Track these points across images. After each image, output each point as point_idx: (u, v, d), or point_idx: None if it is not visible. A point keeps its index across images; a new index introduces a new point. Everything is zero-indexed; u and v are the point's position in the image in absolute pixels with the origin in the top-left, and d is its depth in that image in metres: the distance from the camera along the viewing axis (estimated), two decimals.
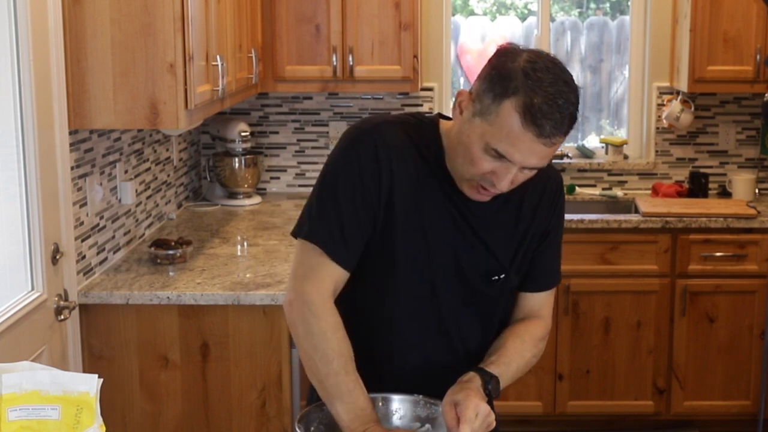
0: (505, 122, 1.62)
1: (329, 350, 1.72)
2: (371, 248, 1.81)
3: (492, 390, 1.75)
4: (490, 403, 1.72)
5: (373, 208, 1.76)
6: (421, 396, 1.78)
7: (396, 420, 1.78)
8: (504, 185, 1.69)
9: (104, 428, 1.43)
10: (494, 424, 1.69)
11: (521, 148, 1.63)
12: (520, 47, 1.69)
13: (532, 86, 1.60)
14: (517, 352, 1.85)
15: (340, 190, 1.76)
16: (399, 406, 1.78)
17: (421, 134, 1.81)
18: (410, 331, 1.86)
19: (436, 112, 1.93)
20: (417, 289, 1.83)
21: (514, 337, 1.87)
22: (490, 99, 1.63)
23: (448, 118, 1.86)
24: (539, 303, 1.95)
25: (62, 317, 2.68)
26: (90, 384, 1.41)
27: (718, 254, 3.98)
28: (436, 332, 1.87)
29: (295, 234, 1.82)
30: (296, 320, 1.77)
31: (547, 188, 1.89)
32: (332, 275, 1.77)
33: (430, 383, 1.79)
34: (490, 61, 1.69)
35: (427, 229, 1.80)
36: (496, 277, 1.85)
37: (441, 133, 1.82)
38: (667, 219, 3.97)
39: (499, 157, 1.65)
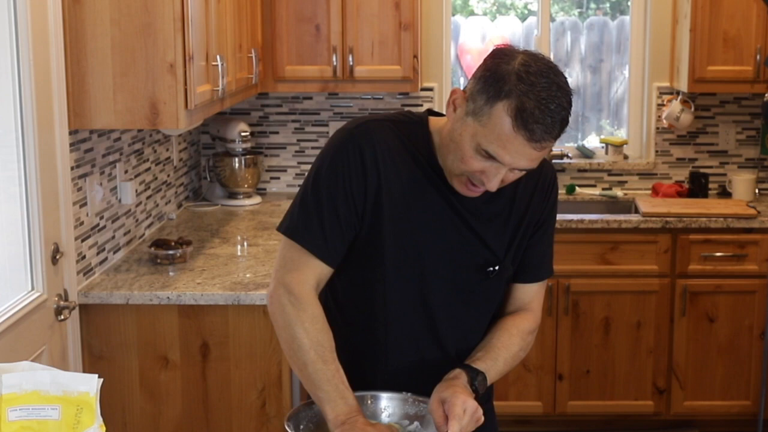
0: (496, 124, 1.64)
1: (306, 339, 1.75)
2: (361, 248, 1.83)
3: (479, 386, 1.76)
4: (477, 399, 1.73)
5: (357, 209, 1.79)
6: (409, 394, 1.79)
7: (384, 418, 1.78)
8: (493, 185, 1.72)
9: (104, 428, 1.43)
10: (482, 419, 1.69)
11: (511, 151, 1.65)
12: (517, 49, 1.70)
13: (525, 90, 1.62)
14: (504, 347, 1.86)
15: (323, 190, 1.79)
16: (387, 404, 1.79)
17: (410, 132, 1.84)
18: (404, 329, 1.87)
19: (425, 109, 1.94)
20: (410, 286, 1.84)
21: (501, 332, 1.89)
22: (483, 100, 1.66)
23: (438, 114, 1.89)
24: (530, 295, 1.95)
25: (62, 317, 2.68)
26: (90, 384, 1.41)
27: (718, 254, 3.98)
28: (429, 329, 1.87)
29: (280, 229, 1.86)
30: (276, 311, 1.81)
31: (540, 181, 1.90)
32: (314, 269, 1.80)
33: (424, 381, 1.79)
34: (485, 61, 1.71)
35: (418, 225, 1.82)
36: (491, 269, 1.86)
37: (431, 130, 1.84)
38: (667, 219, 3.97)
39: (489, 157, 1.67)
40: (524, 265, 1.92)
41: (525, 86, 1.62)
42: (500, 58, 1.68)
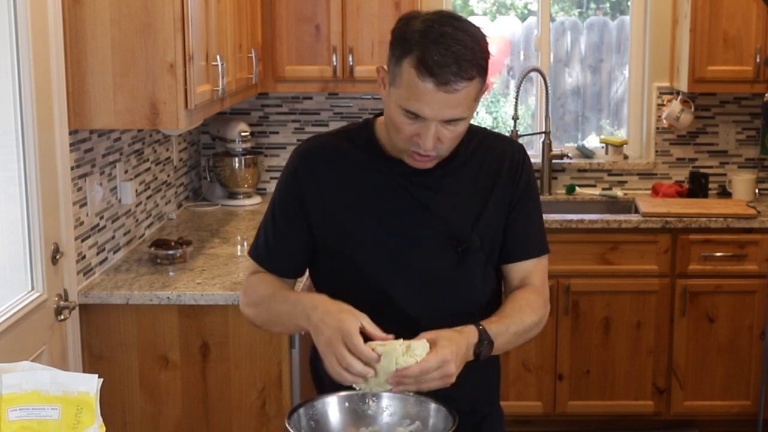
0: (406, 81, 1.69)
1: (261, 291, 1.91)
2: (328, 260, 1.91)
3: (483, 351, 1.75)
4: (475, 363, 1.74)
5: (301, 223, 1.90)
6: (410, 393, 1.78)
7: (386, 417, 1.77)
8: (429, 144, 1.74)
9: (104, 428, 1.43)
10: (451, 378, 1.67)
11: (428, 102, 1.69)
12: (421, 12, 1.76)
13: (426, 42, 1.67)
14: (515, 314, 1.84)
15: (270, 212, 1.96)
16: (389, 403, 1.78)
17: (355, 137, 1.92)
18: (389, 324, 1.85)
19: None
20: (386, 281, 1.86)
21: (511, 302, 1.88)
22: (393, 64, 1.72)
23: None
24: (525, 272, 1.94)
25: (62, 317, 2.68)
26: (90, 384, 1.41)
27: (718, 254, 3.98)
28: (418, 326, 1.85)
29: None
30: (242, 306, 1.98)
31: (506, 159, 1.92)
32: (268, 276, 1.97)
33: None
34: (392, 30, 1.77)
35: (375, 224, 1.85)
36: (460, 248, 1.86)
37: (375, 127, 1.91)
38: (667, 219, 3.96)
39: (415, 117, 1.71)
40: (509, 244, 1.92)
41: (425, 39, 1.67)
42: (404, 21, 1.75)
